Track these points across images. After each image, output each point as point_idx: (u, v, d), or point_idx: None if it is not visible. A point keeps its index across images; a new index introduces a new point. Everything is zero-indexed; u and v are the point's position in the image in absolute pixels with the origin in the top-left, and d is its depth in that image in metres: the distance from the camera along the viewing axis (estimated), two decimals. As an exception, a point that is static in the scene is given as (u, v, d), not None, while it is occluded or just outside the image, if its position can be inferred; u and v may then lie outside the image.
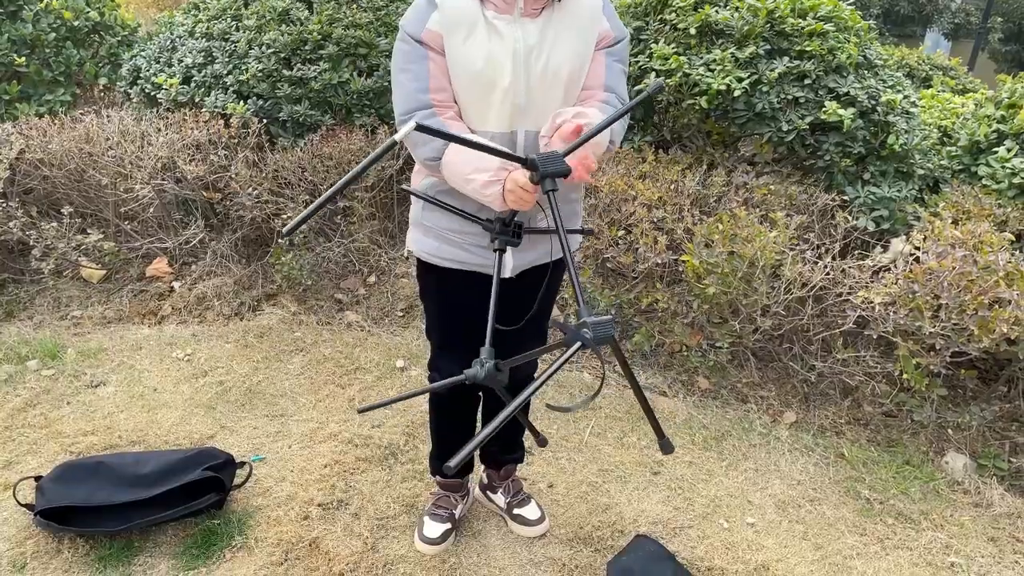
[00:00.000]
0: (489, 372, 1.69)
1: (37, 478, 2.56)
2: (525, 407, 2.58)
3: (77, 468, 2.54)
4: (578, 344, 1.54)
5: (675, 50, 3.60)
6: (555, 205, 1.73)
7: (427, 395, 2.51)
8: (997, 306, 2.81)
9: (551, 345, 1.69)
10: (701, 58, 3.55)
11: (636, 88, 3.60)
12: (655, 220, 3.39)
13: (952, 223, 3.20)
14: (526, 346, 2.34)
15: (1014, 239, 3.19)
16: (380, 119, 4.15)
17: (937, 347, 2.92)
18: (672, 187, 3.49)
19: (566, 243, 1.73)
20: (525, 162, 1.73)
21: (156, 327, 3.78)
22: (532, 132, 1.93)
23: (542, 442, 2.10)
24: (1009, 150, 3.65)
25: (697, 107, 3.53)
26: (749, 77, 3.43)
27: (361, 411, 1.77)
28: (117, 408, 3.13)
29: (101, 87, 5.04)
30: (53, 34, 4.64)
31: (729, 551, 2.56)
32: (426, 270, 2.20)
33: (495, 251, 1.95)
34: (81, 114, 4.24)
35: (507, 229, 1.96)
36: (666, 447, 1.79)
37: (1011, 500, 2.89)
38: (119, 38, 5.07)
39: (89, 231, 3.97)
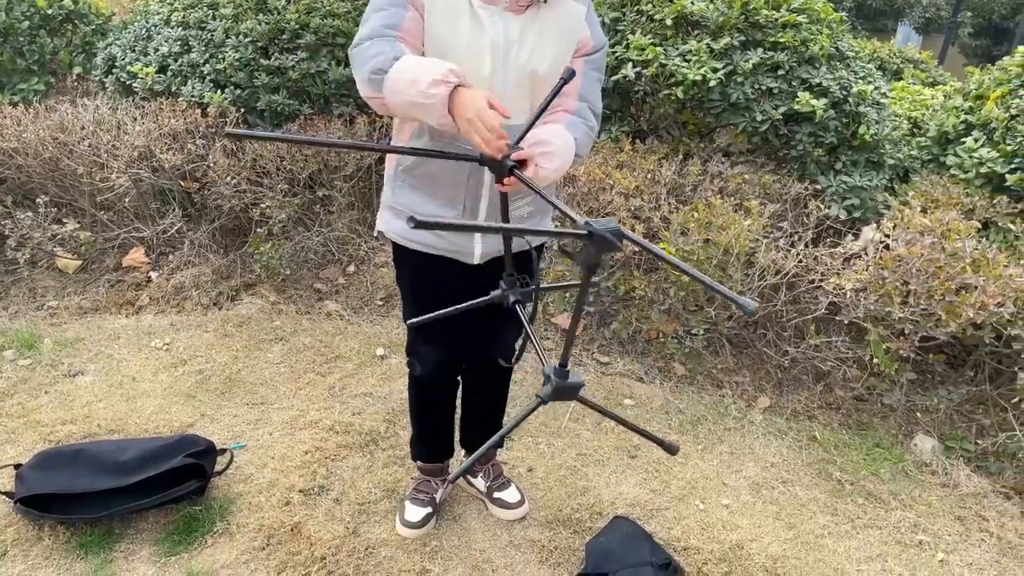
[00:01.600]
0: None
1: (16, 466, 2.55)
2: (504, 392, 2.62)
3: (57, 456, 2.53)
4: (586, 232, 1.50)
5: (651, 41, 3.64)
6: (538, 187, 1.72)
7: (406, 382, 2.53)
8: (964, 292, 2.89)
9: (562, 231, 1.58)
10: (677, 49, 3.60)
11: (614, 79, 3.64)
12: (632, 209, 3.43)
13: (921, 211, 3.28)
14: (503, 335, 2.37)
15: (981, 227, 3.27)
16: (359, 108, 4.15)
17: (906, 332, 2.99)
18: (649, 176, 3.54)
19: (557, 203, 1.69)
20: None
21: (134, 317, 3.76)
22: (506, 126, 1.94)
23: (672, 450, 1.83)
24: (976, 140, 3.74)
25: (673, 97, 3.57)
26: (724, 68, 3.48)
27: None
28: (96, 397, 3.12)
29: (75, 76, 4.99)
30: (26, 22, 4.59)
31: (705, 531, 2.62)
32: (399, 252, 2.21)
33: (514, 303, 1.92)
34: (56, 103, 4.20)
35: (514, 280, 1.94)
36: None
37: (977, 480, 2.98)
38: (93, 27, 5.01)
39: (65, 221, 3.94)
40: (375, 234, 2.36)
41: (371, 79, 1.78)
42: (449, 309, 1.88)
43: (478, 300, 1.81)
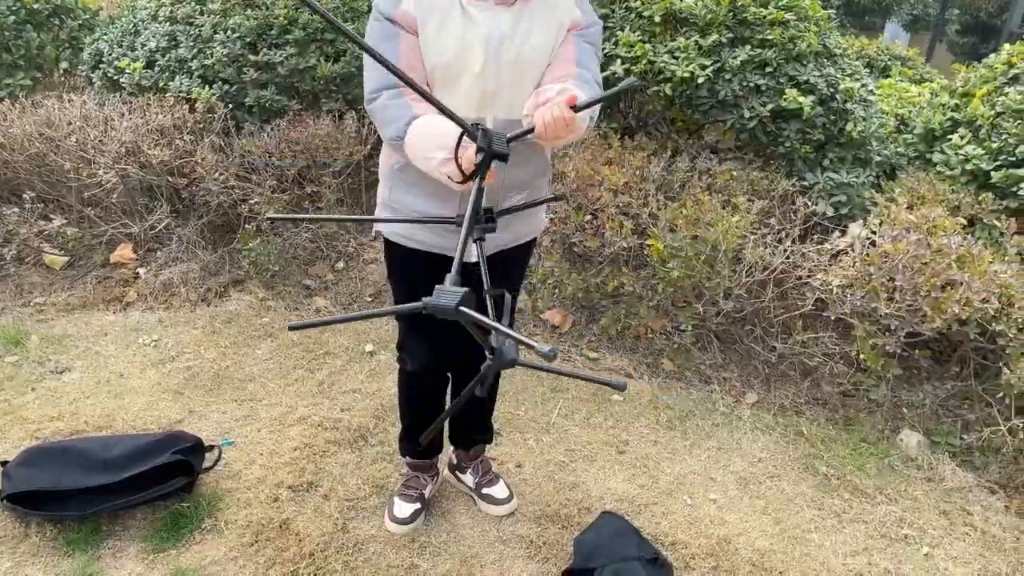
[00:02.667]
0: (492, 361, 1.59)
1: (3, 463, 2.54)
2: (493, 387, 2.63)
3: (44, 452, 2.52)
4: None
5: (640, 38, 3.65)
6: (479, 186, 1.73)
7: (397, 378, 2.54)
8: (949, 288, 2.91)
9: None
10: (665, 46, 3.60)
11: (603, 75, 3.64)
12: (621, 205, 3.44)
13: (907, 208, 3.30)
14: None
15: (966, 223, 3.30)
16: (348, 104, 4.15)
17: (892, 328, 3.02)
18: (637, 173, 3.55)
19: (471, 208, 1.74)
20: (469, 131, 1.69)
21: (121, 313, 3.75)
22: (502, 120, 1.96)
23: (620, 386, 1.66)
24: (962, 137, 3.77)
25: (662, 94, 3.58)
26: (712, 65, 3.49)
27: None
28: (83, 394, 3.11)
29: (62, 71, 4.96)
30: (12, 17, 4.55)
31: (692, 526, 2.64)
32: (393, 251, 2.22)
33: (475, 240, 1.92)
34: (42, 99, 4.17)
35: (480, 217, 1.95)
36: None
37: (962, 475, 3.00)
38: (80, 21, 4.98)
39: (52, 217, 3.92)
40: (372, 234, 2.37)
41: (392, 144, 1.96)
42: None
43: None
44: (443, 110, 1.68)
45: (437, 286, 1.51)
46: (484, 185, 1.80)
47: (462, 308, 1.47)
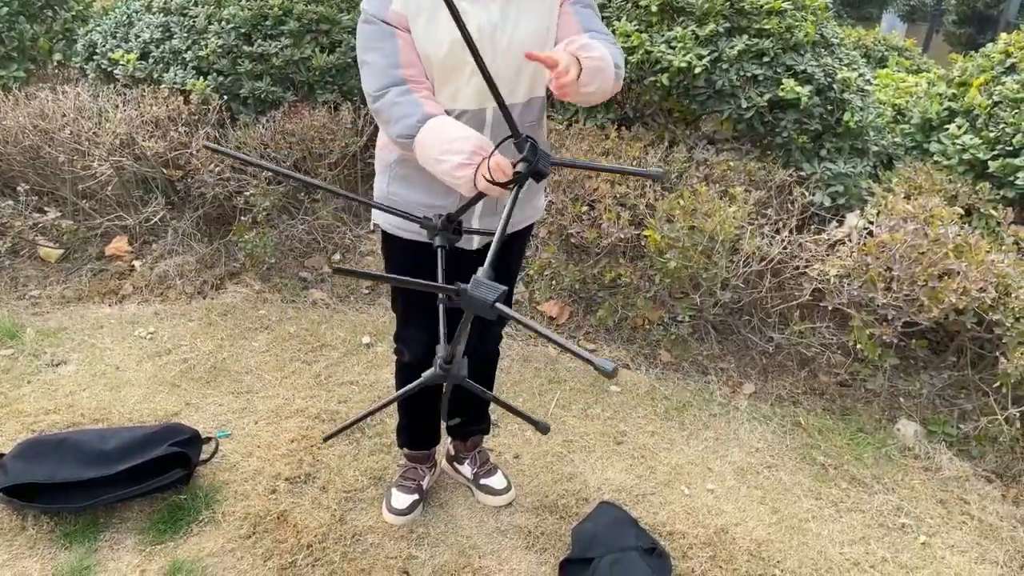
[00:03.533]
0: (442, 370, 1.65)
1: (-1, 456, 2.54)
2: (490, 378, 2.62)
3: (40, 445, 2.51)
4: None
5: (636, 27, 3.64)
6: (515, 196, 1.70)
7: (393, 368, 2.53)
8: (946, 277, 2.91)
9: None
10: (662, 35, 3.59)
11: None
12: (618, 196, 3.44)
13: (904, 198, 3.29)
14: (490, 323, 2.37)
15: (963, 213, 3.30)
16: (343, 95, 4.13)
17: (889, 318, 3.02)
18: (635, 164, 3.54)
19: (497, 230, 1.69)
20: (520, 143, 1.65)
21: (117, 306, 3.73)
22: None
23: (543, 428, 1.85)
24: (959, 127, 3.77)
25: (659, 84, 3.57)
26: (709, 55, 3.48)
27: (326, 439, 1.70)
28: (79, 386, 3.10)
29: (56, 63, 4.94)
30: (5, 8, 4.53)
31: (690, 516, 2.64)
32: (390, 242, 2.22)
33: (436, 248, 1.90)
34: (36, 90, 4.15)
35: (449, 226, 1.92)
36: (606, 372, 1.63)
37: (959, 464, 3.01)
38: (73, 13, 4.96)
39: (46, 209, 3.90)
40: (371, 226, 2.36)
41: (400, 143, 1.89)
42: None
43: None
44: (505, 114, 1.59)
45: (474, 276, 1.47)
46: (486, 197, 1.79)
47: (498, 305, 1.45)
